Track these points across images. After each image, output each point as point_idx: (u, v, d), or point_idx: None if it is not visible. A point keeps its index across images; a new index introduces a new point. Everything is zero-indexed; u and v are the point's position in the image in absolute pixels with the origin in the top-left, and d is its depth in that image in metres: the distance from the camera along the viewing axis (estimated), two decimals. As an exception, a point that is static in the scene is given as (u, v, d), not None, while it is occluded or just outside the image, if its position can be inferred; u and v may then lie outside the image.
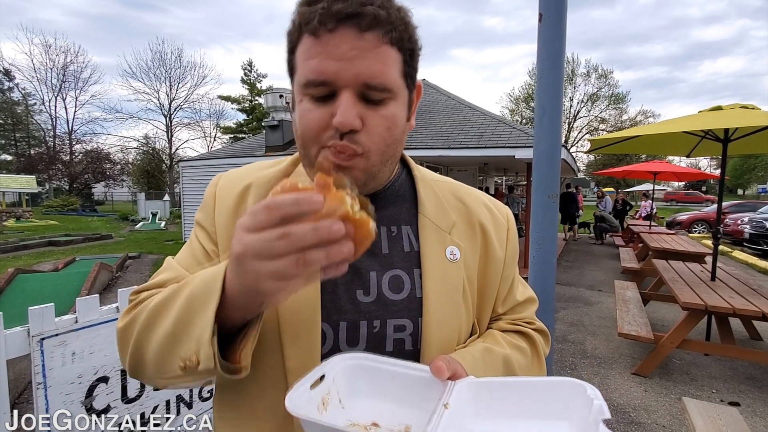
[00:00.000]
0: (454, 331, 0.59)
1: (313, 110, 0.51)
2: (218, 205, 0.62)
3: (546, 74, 2.19)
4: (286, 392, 0.46)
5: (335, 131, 0.50)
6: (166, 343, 0.48)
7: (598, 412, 0.42)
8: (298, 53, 0.52)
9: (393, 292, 0.58)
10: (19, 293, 4.87)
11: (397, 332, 0.57)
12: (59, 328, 1.32)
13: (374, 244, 0.55)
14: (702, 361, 3.67)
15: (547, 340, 0.72)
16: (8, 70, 28.51)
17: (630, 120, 36.24)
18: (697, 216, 14.68)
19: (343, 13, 0.47)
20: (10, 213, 16.04)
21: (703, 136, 4.02)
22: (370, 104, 0.51)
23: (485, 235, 0.66)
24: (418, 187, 0.66)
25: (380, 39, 0.49)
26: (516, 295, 0.71)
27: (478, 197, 0.70)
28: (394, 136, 0.54)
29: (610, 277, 6.84)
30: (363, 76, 0.49)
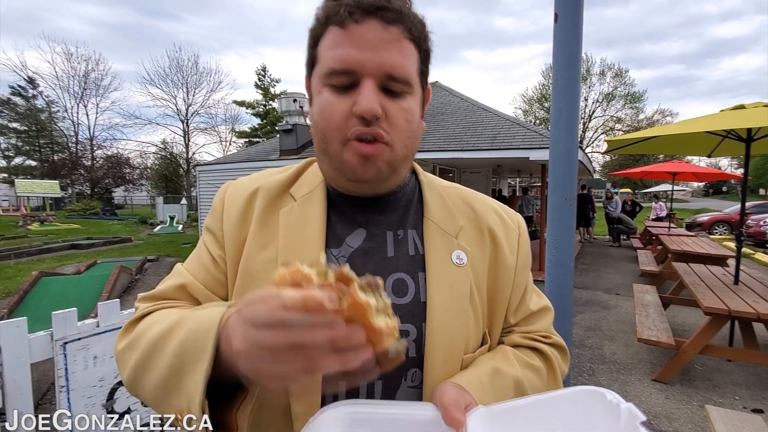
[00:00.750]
0: (460, 339, 0.57)
1: (334, 101, 0.52)
2: (226, 210, 0.62)
3: (562, 75, 2.16)
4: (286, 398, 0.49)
5: (358, 120, 0.50)
6: (158, 390, 0.47)
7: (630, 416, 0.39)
8: (321, 45, 0.53)
9: (397, 296, 0.57)
10: (43, 295, 5.01)
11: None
12: (81, 333, 1.36)
13: (380, 247, 0.60)
14: (725, 367, 3.56)
15: (565, 357, 0.68)
16: (32, 79, 29.46)
17: (647, 119, 35.48)
18: (718, 217, 14.29)
19: (372, 6, 0.49)
20: (34, 217, 16.53)
21: (725, 135, 3.92)
22: (390, 95, 0.52)
23: (495, 241, 0.64)
24: (424, 191, 0.65)
25: (402, 34, 0.52)
26: (529, 304, 0.68)
27: (488, 203, 0.69)
28: (413, 129, 0.55)
29: (628, 281, 6.70)
30: (385, 66, 0.50)
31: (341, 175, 0.58)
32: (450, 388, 0.51)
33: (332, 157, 0.55)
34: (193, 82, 31.87)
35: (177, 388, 0.44)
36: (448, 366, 0.56)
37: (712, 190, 53.54)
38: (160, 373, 0.46)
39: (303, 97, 10.20)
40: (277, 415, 0.52)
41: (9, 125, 30.41)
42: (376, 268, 0.58)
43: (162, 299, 0.59)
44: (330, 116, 0.52)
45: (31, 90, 29.95)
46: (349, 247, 0.59)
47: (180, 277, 0.60)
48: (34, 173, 28.07)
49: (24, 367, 1.24)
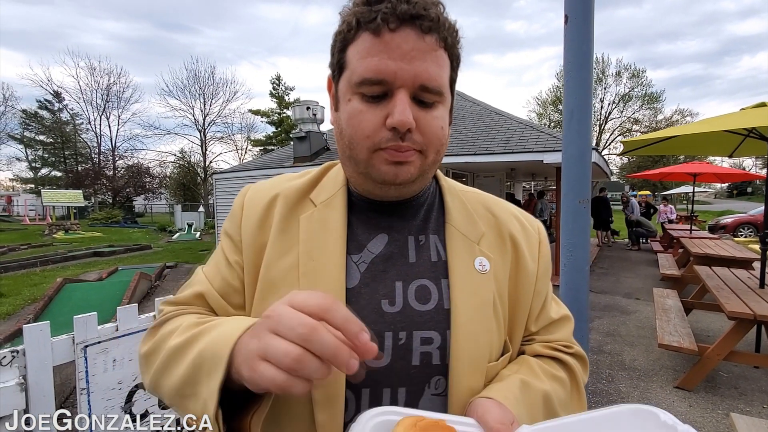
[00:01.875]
0: (484, 347, 0.56)
1: (365, 111, 0.51)
2: (245, 215, 0.62)
3: (573, 77, 2.14)
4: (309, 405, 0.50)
5: (391, 132, 0.50)
6: (176, 395, 0.49)
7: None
8: (351, 50, 0.51)
9: (420, 303, 0.56)
10: (67, 301, 5.17)
11: (424, 345, 0.54)
12: (101, 336, 1.40)
13: (401, 253, 0.59)
14: (752, 374, 3.43)
15: (585, 367, 0.67)
16: (58, 93, 30.62)
17: (666, 120, 34.68)
18: (742, 219, 13.84)
19: (407, 14, 0.48)
20: (59, 226, 17.07)
21: (746, 134, 3.81)
22: (422, 106, 0.51)
23: (516, 247, 0.63)
24: (445, 197, 0.64)
25: (437, 43, 0.50)
26: (550, 312, 0.66)
27: (508, 208, 0.68)
28: (443, 137, 0.55)
29: (648, 285, 6.53)
30: (421, 77, 0.49)
31: (367, 179, 0.57)
32: (493, 406, 0.49)
33: (359, 164, 0.55)
34: (209, 93, 32.64)
35: (192, 395, 0.46)
36: (474, 374, 0.55)
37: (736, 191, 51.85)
38: (178, 380, 0.48)
39: (316, 105, 10.32)
40: (301, 420, 0.52)
41: (36, 138, 31.62)
42: (397, 274, 0.58)
43: (182, 305, 0.60)
44: (359, 125, 0.51)
45: (56, 104, 31.17)
46: (370, 253, 0.58)
47: (199, 285, 0.61)
48: (59, 183, 29.05)
49: (47, 369, 1.28)
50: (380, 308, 0.55)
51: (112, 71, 36.12)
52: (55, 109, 31.30)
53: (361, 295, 0.55)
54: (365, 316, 0.53)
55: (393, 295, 0.56)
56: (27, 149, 32.41)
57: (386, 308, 0.55)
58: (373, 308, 0.55)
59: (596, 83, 34.81)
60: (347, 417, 0.52)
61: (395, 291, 0.56)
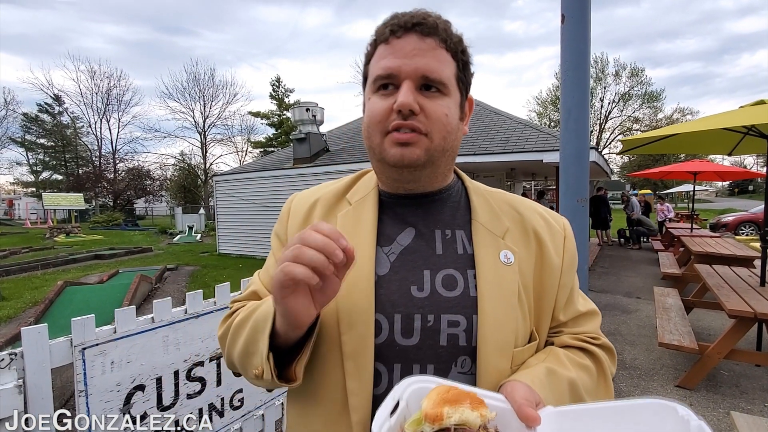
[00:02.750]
0: (510, 333, 0.60)
1: (378, 102, 0.60)
2: (291, 217, 0.72)
3: (570, 76, 2.14)
4: (342, 375, 0.58)
5: (397, 114, 0.58)
6: (242, 356, 0.61)
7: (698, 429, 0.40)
8: (371, 62, 0.62)
9: (446, 290, 0.61)
10: (68, 304, 5.17)
11: (451, 327, 0.59)
12: (99, 338, 1.40)
13: (428, 245, 0.65)
14: (753, 372, 3.42)
15: (613, 359, 0.69)
16: (58, 96, 30.72)
17: (666, 119, 34.63)
18: (743, 217, 13.81)
19: (410, 23, 0.58)
20: (60, 229, 17.09)
21: (746, 132, 3.82)
22: (427, 94, 0.59)
23: (540, 242, 0.66)
24: (471, 195, 0.70)
25: (437, 43, 0.59)
26: (577, 305, 0.70)
27: (532, 206, 0.72)
28: (451, 125, 0.61)
29: (648, 284, 6.52)
30: (421, 69, 0.58)
31: (385, 167, 0.64)
32: (520, 386, 0.53)
33: (375, 149, 0.62)
34: (209, 95, 32.70)
35: (254, 351, 0.57)
36: (501, 357, 0.59)
37: (737, 189, 51.80)
38: (243, 344, 0.60)
39: (315, 107, 10.34)
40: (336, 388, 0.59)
41: (37, 141, 31.69)
42: (425, 263, 0.63)
43: (243, 301, 0.72)
44: (374, 113, 0.60)
45: (57, 107, 31.26)
46: (399, 245, 0.65)
47: (253, 285, 0.73)
48: (60, 187, 29.11)
49: (45, 371, 1.28)
50: (409, 293, 0.61)
51: (112, 74, 36.26)
52: (55, 112, 31.38)
53: (391, 282, 0.62)
54: (396, 300, 0.60)
55: (421, 282, 0.61)
56: (28, 153, 32.50)
57: (415, 293, 0.61)
58: (403, 293, 0.61)
59: (596, 82, 34.77)
60: (381, 389, 0.59)
61: (423, 278, 0.62)
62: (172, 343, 1.59)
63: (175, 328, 1.60)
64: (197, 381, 1.68)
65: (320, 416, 0.61)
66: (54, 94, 30.42)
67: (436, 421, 0.43)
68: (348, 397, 0.58)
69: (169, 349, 1.58)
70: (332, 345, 0.59)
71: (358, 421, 0.57)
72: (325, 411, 0.60)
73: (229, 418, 1.81)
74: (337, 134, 12.27)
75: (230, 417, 1.81)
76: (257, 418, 1.92)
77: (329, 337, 0.60)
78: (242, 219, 11.15)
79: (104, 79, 31.77)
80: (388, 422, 0.44)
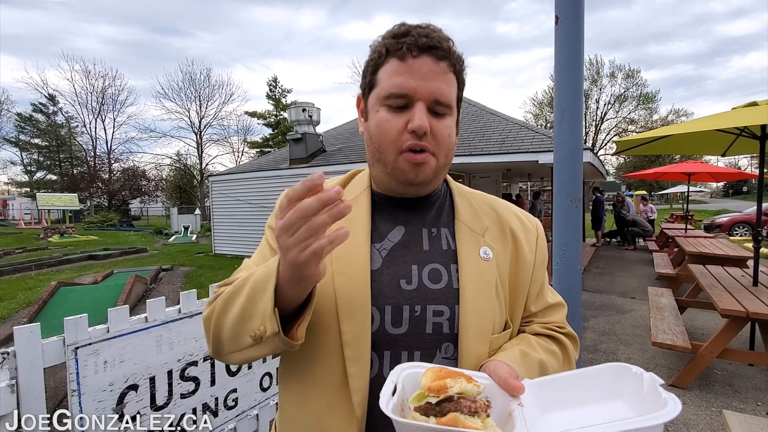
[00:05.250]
0: (488, 321, 0.66)
1: (390, 119, 0.64)
2: None
3: (564, 77, 2.16)
4: (342, 361, 0.62)
5: (411, 135, 0.63)
6: (238, 321, 0.59)
7: (651, 380, 0.48)
8: (381, 72, 0.65)
9: (432, 283, 0.67)
10: (62, 305, 5.14)
11: (436, 316, 0.65)
12: (92, 338, 1.39)
13: (416, 242, 0.71)
14: (746, 371, 3.45)
15: (577, 346, 0.76)
16: (53, 96, 30.53)
17: (661, 120, 34.86)
18: (737, 218, 13.92)
19: (426, 45, 0.62)
20: (54, 229, 16.97)
21: (738, 133, 3.85)
22: (436, 116, 0.64)
23: (515, 240, 0.73)
24: (455, 197, 0.76)
25: (448, 68, 0.64)
26: (547, 298, 0.77)
27: (510, 208, 0.79)
28: (452, 143, 0.68)
29: (643, 284, 6.56)
30: (435, 93, 0.63)
31: (392, 179, 0.69)
32: (502, 364, 0.59)
33: (386, 165, 0.67)
34: (205, 95, 32.67)
35: (252, 314, 0.57)
36: (480, 342, 0.65)
37: (732, 190, 52.18)
38: (239, 310, 0.59)
39: (312, 107, 10.32)
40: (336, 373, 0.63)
41: (31, 141, 31.48)
42: (413, 258, 0.68)
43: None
44: (386, 130, 0.64)
45: (51, 107, 31.10)
46: (390, 242, 0.70)
47: (247, 270, 0.71)
48: (54, 187, 28.90)
49: (37, 371, 1.27)
50: (399, 286, 0.66)
51: (107, 74, 36.00)
52: (50, 112, 31.21)
53: (383, 275, 0.67)
54: (387, 293, 0.65)
55: (410, 276, 0.67)
56: (22, 152, 32.31)
57: (404, 286, 0.66)
58: (394, 286, 0.66)
59: (591, 84, 34.93)
60: (372, 374, 0.63)
61: (412, 272, 0.67)
62: (166, 342, 1.59)
63: (169, 328, 1.60)
64: (191, 381, 1.68)
65: (320, 399, 0.64)
66: (48, 93, 30.29)
67: (441, 392, 0.48)
68: (348, 381, 0.62)
69: (162, 349, 1.58)
70: (332, 334, 0.63)
71: (359, 402, 0.61)
72: (326, 394, 0.64)
73: (223, 418, 1.80)
74: (334, 135, 12.26)
75: (224, 417, 1.80)
76: (251, 418, 1.91)
77: (329, 327, 0.63)
78: (238, 219, 11.12)
79: (99, 78, 31.56)
80: (392, 401, 0.49)
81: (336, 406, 0.63)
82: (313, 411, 0.65)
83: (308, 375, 0.66)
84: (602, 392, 0.52)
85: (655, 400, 0.45)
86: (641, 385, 0.49)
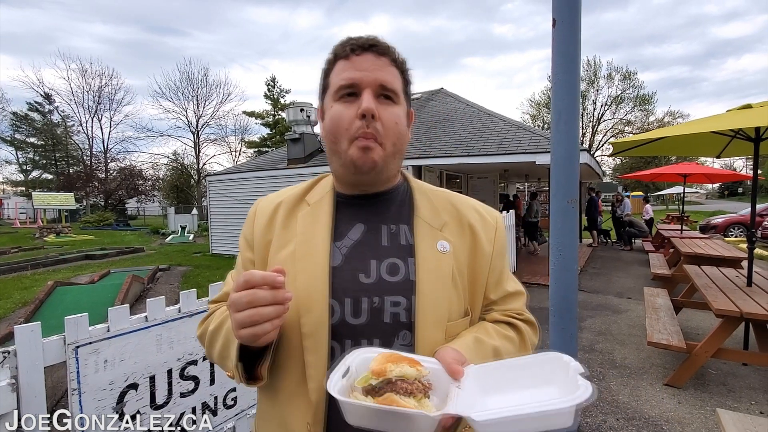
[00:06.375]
0: (444, 309, 0.70)
1: (343, 110, 0.69)
2: (257, 219, 0.79)
3: (561, 79, 2.18)
4: (302, 351, 0.67)
5: (361, 120, 0.67)
6: (219, 359, 0.73)
7: (574, 369, 0.54)
8: (332, 75, 0.72)
9: (390, 276, 0.71)
10: (58, 304, 5.13)
11: (393, 307, 0.69)
12: (93, 337, 1.40)
13: (375, 238, 0.75)
14: (740, 371, 3.49)
15: (535, 331, 0.81)
16: (48, 95, 30.36)
17: (657, 121, 35.01)
18: (732, 219, 14.02)
19: (367, 44, 0.70)
20: (50, 229, 16.89)
21: (733, 135, 3.88)
22: (383, 102, 0.70)
23: (474, 233, 0.78)
24: (414, 194, 0.80)
25: (389, 62, 0.72)
26: (506, 286, 0.81)
27: (469, 203, 0.83)
28: (400, 131, 0.72)
29: (639, 284, 6.60)
30: (379, 80, 0.69)
31: (347, 171, 0.72)
32: (449, 350, 0.63)
33: (341, 155, 0.71)
34: (203, 95, 32.53)
35: (227, 356, 0.69)
36: (435, 329, 0.69)
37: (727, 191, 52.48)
38: (219, 349, 0.72)
39: (310, 107, 10.32)
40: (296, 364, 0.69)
41: (27, 140, 31.28)
42: (372, 254, 0.73)
43: (218, 302, 0.82)
44: (340, 120, 0.69)
45: (47, 105, 30.88)
46: (350, 240, 0.74)
47: (227, 286, 0.82)
48: (50, 186, 28.72)
49: (38, 370, 1.28)
50: (358, 280, 0.70)
51: (103, 73, 35.90)
52: (45, 111, 30.99)
53: (344, 271, 0.71)
54: (347, 287, 0.70)
55: (368, 270, 0.71)
56: (17, 152, 32.06)
57: (363, 279, 0.70)
58: (353, 280, 0.70)
59: (588, 85, 35.05)
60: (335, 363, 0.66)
61: (370, 267, 0.71)
62: (166, 341, 1.60)
63: (169, 327, 1.61)
64: (190, 380, 1.69)
65: (284, 389, 0.70)
66: (44, 92, 30.08)
67: (381, 375, 0.53)
68: (306, 369, 0.67)
69: (162, 348, 1.59)
70: (292, 328, 0.68)
71: (314, 389, 0.66)
72: (288, 385, 0.69)
73: (223, 417, 1.81)
74: (332, 135, 12.23)
75: (224, 416, 1.81)
76: (250, 417, 1.92)
77: (289, 321, 0.67)
78: (236, 219, 11.09)
79: (95, 77, 31.45)
80: (341, 382, 0.54)
81: (296, 394, 0.68)
82: (279, 401, 0.70)
83: (275, 368, 0.70)
84: (538, 379, 0.57)
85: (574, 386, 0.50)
86: (567, 372, 0.55)
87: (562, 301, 2.21)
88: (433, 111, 10.78)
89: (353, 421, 0.52)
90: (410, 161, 8.08)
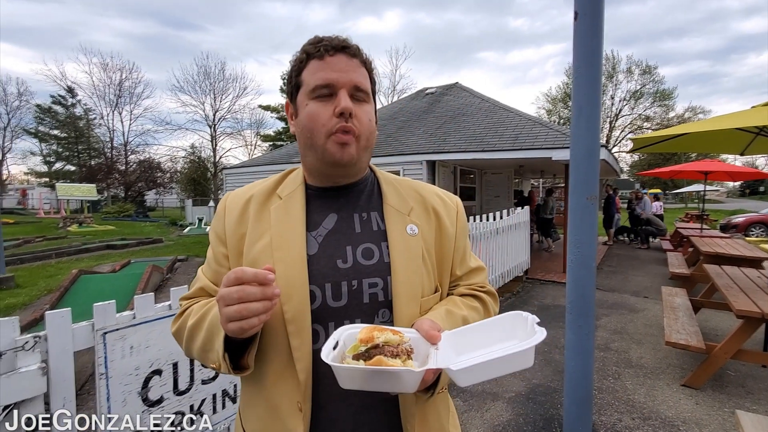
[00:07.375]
0: (417, 288, 0.76)
1: (319, 108, 0.73)
2: (227, 214, 0.81)
3: (582, 73, 2.14)
4: (286, 336, 0.71)
5: (339, 117, 0.72)
6: (201, 352, 0.73)
7: (532, 321, 0.62)
8: (305, 73, 0.75)
9: (365, 259, 0.76)
10: (82, 292, 5.29)
11: (371, 288, 0.75)
12: (120, 324, 1.45)
13: (348, 226, 0.80)
14: (760, 373, 3.41)
15: (496, 300, 0.90)
16: (71, 88, 31.02)
17: (677, 117, 34.07)
18: (754, 218, 13.61)
19: (340, 46, 0.75)
20: (73, 219, 17.34)
21: (757, 132, 3.78)
22: (356, 102, 0.74)
23: (438, 216, 0.84)
24: (381, 184, 0.86)
25: (360, 63, 0.77)
26: (469, 262, 0.89)
27: (432, 189, 0.90)
28: (372, 127, 0.78)
29: (656, 283, 6.49)
30: (354, 81, 0.74)
31: (323, 164, 0.77)
32: (426, 320, 0.69)
33: (317, 149, 0.75)
34: (220, 89, 32.81)
35: (210, 349, 0.70)
36: (411, 305, 0.75)
37: (748, 190, 50.93)
38: (200, 343, 0.72)
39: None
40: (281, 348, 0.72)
41: (50, 132, 32.09)
42: (347, 240, 0.77)
43: (192, 298, 0.83)
44: (318, 117, 0.73)
45: (70, 99, 31.55)
46: (324, 229, 0.78)
47: (199, 281, 0.83)
48: (72, 177, 29.40)
49: (68, 355, 1.33)
50: (336, 265, 0.75)
51: (124, 67, 36.45)
52: (68, 104, 31.70)
53: (321, 259, 0.75)
54: (326, 273, 0.74)
55: (345, 256, 0.76)
56: (41, 143, 32.90)
57: (340, 265, 0.75)
58: (331, 266, 0.75)
59: (607, 80, 34.25)
60: (319, 345, 0.71)
61: (346, 253, 0.76)
62: (188, 330, 1.64)
63: (191, 316, 1.65)
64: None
65: (271, 372, 0.73)
66: (67, 86, 30.75)
67: (369, 341, 0.60)
68: (292, 352, 0.71)
69: (184, 336, 1.63)
70: (275, 315, 0.71)
71: (302, 369, 0.70)
72: (274, 368, 0.73)
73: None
74: (346, 129, 12.25)
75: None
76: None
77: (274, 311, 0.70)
78: (251, 212, 11.20)
79: (116, 71, 31.97)
80: (332, 353, 0.60)
81: (283, 377, 0.72)
82: (265, 384, 0.74)
83: (260, 354, 0.73)
84: (503, 334, 0.65)
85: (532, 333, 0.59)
86: (526, 325, 0.63)
87: (579, 298, 2.19)
88: (448, 106, 10.69)
89: (347, 384, 0.57)
90: (424, 156, 8.05)
